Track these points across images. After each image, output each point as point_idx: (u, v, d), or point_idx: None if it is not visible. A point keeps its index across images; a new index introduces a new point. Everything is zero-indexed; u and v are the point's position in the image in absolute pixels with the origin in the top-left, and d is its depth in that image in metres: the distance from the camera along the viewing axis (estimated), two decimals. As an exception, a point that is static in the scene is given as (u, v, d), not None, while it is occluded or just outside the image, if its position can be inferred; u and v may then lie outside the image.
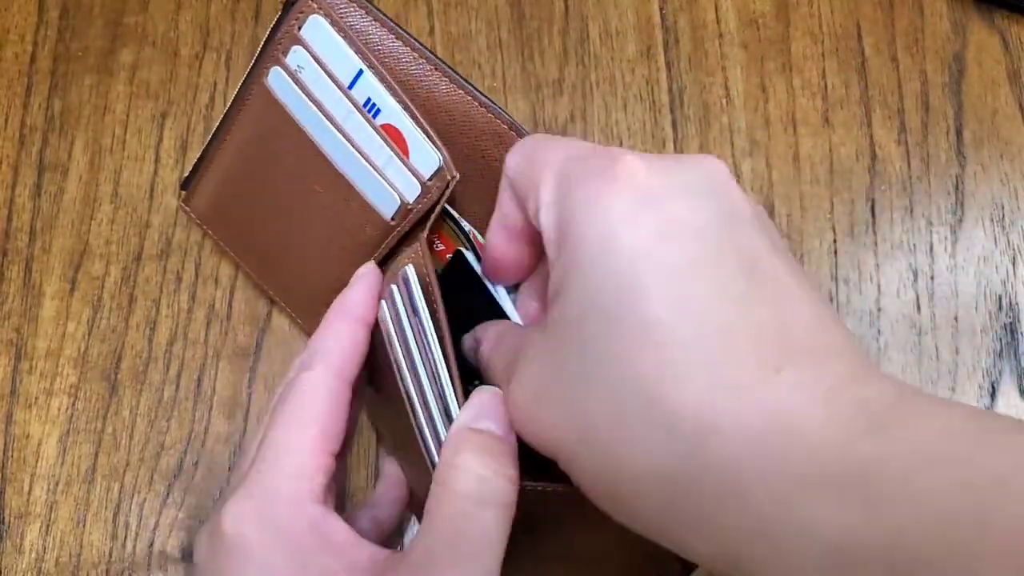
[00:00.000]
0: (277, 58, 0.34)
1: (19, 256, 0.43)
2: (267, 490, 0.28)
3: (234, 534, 0.27)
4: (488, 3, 0.47)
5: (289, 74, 0.33)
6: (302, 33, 0.33)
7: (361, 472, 0.41)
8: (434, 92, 0.34)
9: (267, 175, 0.37)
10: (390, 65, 0.33)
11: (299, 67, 0.33)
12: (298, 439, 0.28)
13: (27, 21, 0.47)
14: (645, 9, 0.47)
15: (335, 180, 0.34)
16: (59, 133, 0.45)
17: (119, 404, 0.41)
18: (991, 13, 0.47)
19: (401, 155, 0.32)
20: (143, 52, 0.46)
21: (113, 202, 0.44)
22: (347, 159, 0.34)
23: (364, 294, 0.32)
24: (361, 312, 0.32)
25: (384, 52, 0.33)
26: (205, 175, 0.39)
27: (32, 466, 0.40)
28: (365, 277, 0.32)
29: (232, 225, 0.40)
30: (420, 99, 0.33)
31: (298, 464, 0.28)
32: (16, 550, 0.39)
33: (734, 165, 0.44)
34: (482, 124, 0.34)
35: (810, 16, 0.47)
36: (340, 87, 0.32)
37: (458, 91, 0.33)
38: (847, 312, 0.42)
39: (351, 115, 0.33)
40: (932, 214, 0.44)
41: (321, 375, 0.30)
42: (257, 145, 0.36)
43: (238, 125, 0.36)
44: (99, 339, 0.42)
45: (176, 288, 0.43)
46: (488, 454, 0.26)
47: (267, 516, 0.27)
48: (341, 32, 0.32)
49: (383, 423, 0.40)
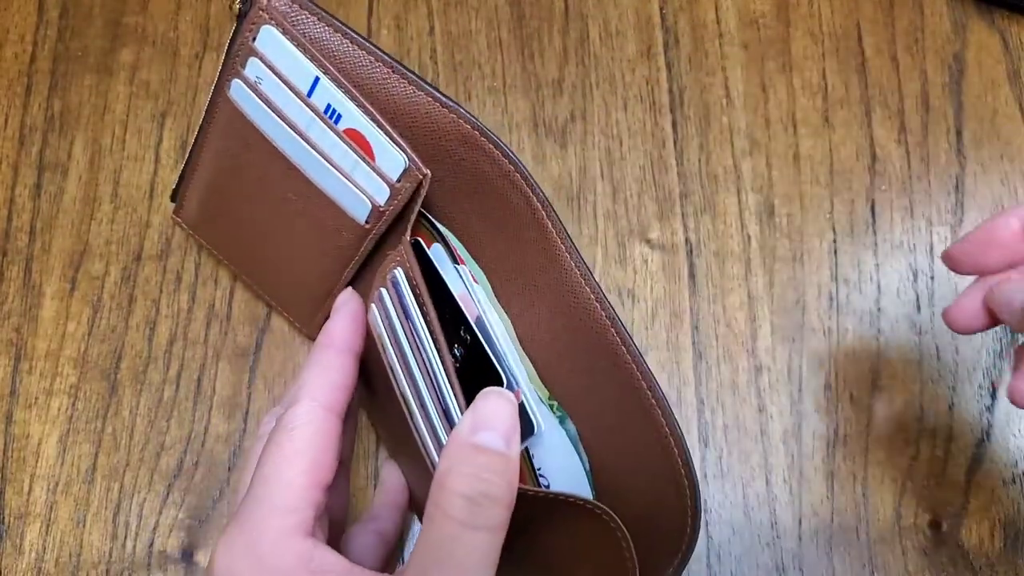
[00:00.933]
0: (236, 70, 0.33)
1: (19, 256, 0.43)
2: (256, 524, 0.28)
3: (224, 567, 0.28)
4: (488, 3, 0.47)
5: (249, 86, 0.33)
6: (256, 44, 0.32)
7: (361, 472, 0.41)
8: (394, 95, 0.33)
9: (243, 185, 0.37)
10: (347, 70, 0.33)
11: (258, 78, 0.33)
12: (287, 474, 0.29)
13: (27, 21, 0.47)
14: (645, 9, 0.47)
15: (306, 188, 0.34)
16: (59, 133, 0.45)
17: (119, 404, 0.41)
18: (991, 13, 0.47)
19: (367, 159, 0.32)
20: (143, 52, 0.46)
21: (113, 202, 0.44)
22: (314, 167, 0.33)
23: (345, 323, 0.32)
24: (345, 342, 0.32)
25: (340, 57, 0.33)
26: (189, 187, 0.39)
27: (32, 466, 0.40)
28: (345, 306, 0.33)
29: (220, 234, 0.40)
30: (380, 103, 0.33)
31: (287, 499, 0.28)
32: (16, 550, 0.39)
33: (734, 165, 0.44)
34: (446, 125, 0.33)
35: (810, 16, 0.47)
36: (299, 95, 0.32)
37: (418, 92, 0.33)
38: (847, 312, 0.42)
39: (313, 123, 0.32)
40: (932, 214, 0.44)
41: (309, 409, 0.30)
42: (229, 157, 0.36)
43: (210, 138, 0.36)
44: (99, 339, 0.42)
45: (176, 288, 0.43)
46: (482, 477, 0.26)
47: (255, 550, 0.28)
48: (294, 40, 0.31)
49: (382, 425, 0.40)
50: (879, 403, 0.41)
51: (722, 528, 0.39)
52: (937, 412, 0.41)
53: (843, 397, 0.41)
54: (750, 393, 0.41)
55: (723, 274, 0.43)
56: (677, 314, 0.42)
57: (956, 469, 0.40)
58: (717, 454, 0.40)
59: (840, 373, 0.42)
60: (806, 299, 0.43)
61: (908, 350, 0.42)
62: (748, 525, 0.39)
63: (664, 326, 0.42)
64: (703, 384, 0.41)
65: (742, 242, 0.43)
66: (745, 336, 0.42)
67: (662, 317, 0.42)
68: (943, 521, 0.40)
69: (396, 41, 0.46)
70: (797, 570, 0.39)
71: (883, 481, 0.40)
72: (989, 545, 0.39)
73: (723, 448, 0.41)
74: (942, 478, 0.40)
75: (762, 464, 0.40)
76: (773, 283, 0.43)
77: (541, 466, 0.34)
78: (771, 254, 0.43)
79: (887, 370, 0.42)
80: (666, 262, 0.43)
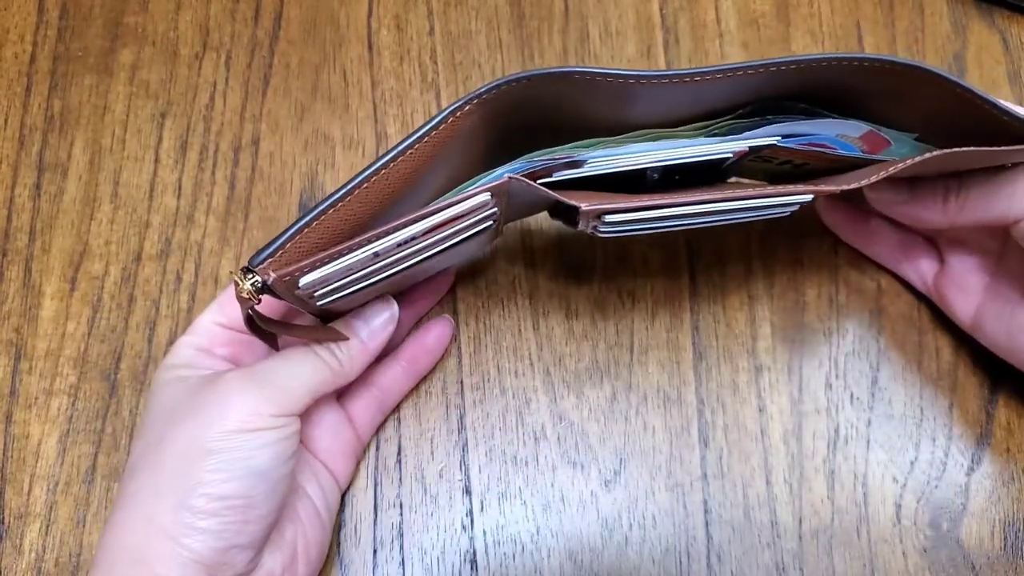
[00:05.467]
0: (303, 300, 0.30)
1: (19, 256, 0.43)
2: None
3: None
4: (488, 3, 0.47)
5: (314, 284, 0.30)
6: (301, 283, 0.29)
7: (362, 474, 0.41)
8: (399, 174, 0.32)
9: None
10: (364, 219, 0.31)
11: (312, 284, 0.29)
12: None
13: (27, 21, 0.47)
14: (645, 9, 0.47)
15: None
16: (59, 133, 0.45)
17: (119, 404, 0.41)
18: (991, 13, 0.47)
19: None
20: (143, 52, 0.46)
21: (113, 202, 0.44)
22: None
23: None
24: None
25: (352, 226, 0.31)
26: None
27: (32, 466, 0.40)
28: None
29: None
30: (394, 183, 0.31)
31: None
32: (16, 550, 0.39)
33: (734, 165, 0.44)
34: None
35: (810, 16, 0.47)
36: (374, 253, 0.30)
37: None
38: (847, 312, 0.42)
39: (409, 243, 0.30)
40: (932, 214, 0.44)
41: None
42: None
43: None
44: (99, 339, 0.42)
45: (176, 288, 0.43)
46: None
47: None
48: (316, 266, 0.28)
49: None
50: (880, 403, 0.41)
51: (722, 528, 0.39)
52: (937, 412, 0.41)
53: (843, 397, 0.41)
54: (750, 393, 0.41)
55: (723, 274, 0.43)
56: (677, 314, 0.42)
57: (956, 469, 0.40)
58: (717, 454, 0.40)
59: (840, 373, 0.42)
60: (806, 299, 0.43)
61: (908, 350, 0.42)
62: (748, 525, 0.39)
63: (664, 326, 0.42)
64: (703, 384, 0.41)
65: (743, 242, 0.43)
66: (745, 336, 0.42)
67: (662, 317, 0.42)
68: (943, 521, 0.40)
69: (396, 41, 0.46)
70: (797, 570, 0.39)
71: (883, 481, 0.40)
72: (989, 545, 0.39)
73: (723, 448, 0.41)
74: (942, 478, 0.40)
75: (762, 464, 0.40)
76: (773, 283, 0.43)
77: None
78: (771, 254, 0.43)
79: (887, 370, 0.42)
80: (666, 262, 0.43)
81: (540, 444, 0.40)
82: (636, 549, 0.39)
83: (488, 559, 0.39)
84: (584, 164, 0.33)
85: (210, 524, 0.30)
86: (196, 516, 0.30)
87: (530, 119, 0.33)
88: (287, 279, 0.28)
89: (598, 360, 0.42)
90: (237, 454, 0.31)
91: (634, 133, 0.34)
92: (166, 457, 0.31)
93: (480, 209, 0.31)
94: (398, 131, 0.45)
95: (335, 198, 0.29)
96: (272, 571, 0.33)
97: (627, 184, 0.35)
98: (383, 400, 0.40)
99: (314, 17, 0.47)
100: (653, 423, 0.41)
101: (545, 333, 0.42)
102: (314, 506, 0.36)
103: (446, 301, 0.42)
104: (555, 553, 0.39)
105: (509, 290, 0.43)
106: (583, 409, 0.41)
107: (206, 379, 0.33)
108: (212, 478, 0.30)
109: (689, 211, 0.32)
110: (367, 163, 0.31)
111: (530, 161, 0.33)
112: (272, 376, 0.33)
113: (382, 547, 0.39)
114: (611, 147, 0.33)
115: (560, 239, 0.43)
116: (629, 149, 0.33)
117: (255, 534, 0.32)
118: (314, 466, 0.37)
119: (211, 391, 0.32)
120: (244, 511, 0.31)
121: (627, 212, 0.32)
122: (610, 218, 0.32)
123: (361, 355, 0.35)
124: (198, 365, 0.34)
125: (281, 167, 0.44)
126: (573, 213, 0.32)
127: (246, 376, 0.32)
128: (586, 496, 0.40)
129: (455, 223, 0.31)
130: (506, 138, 0.34)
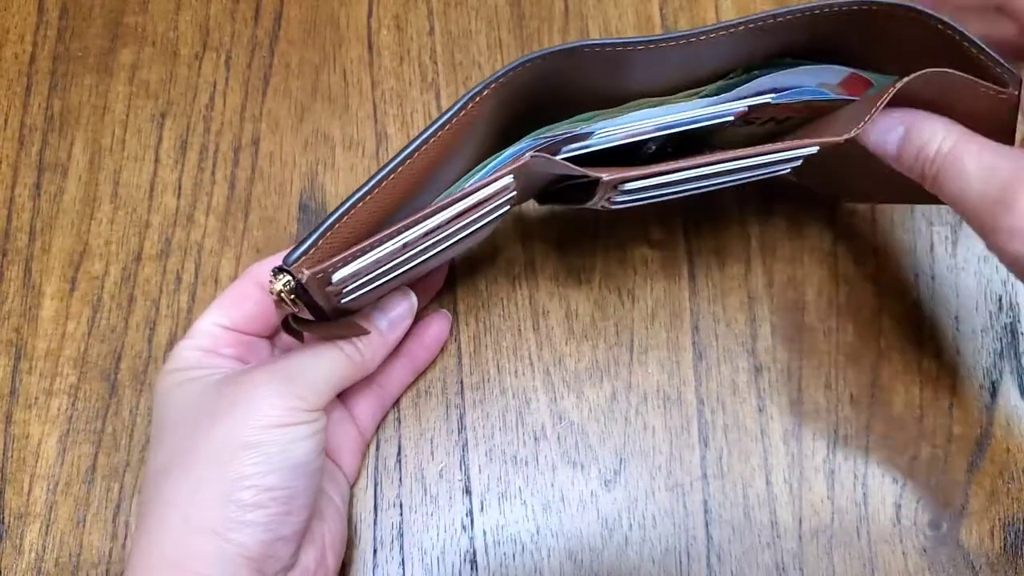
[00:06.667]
0: (328, 298, 0.30)
1: (19, 256, 0.43)
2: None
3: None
4: (488, 3, 0.47)
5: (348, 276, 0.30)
6: (334, 279, 0.29)
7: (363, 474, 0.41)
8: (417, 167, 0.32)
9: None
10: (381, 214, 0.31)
11: (343, 279, 0.30)
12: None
13: (27, 21, 0.47)
14: (645, 9, 0.47)
15: None
16: (59, 133, 0.45)
17: (119, 404, 0.41)
18: (991, 13, 0.47)
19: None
20: (143, 52, 0.46)
21: (113, 202, 0.44)
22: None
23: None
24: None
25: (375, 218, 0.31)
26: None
27: (32, 466, 0.40)
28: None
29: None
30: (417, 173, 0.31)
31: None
32: (16, 550, 0.39)
33: (734, 165, 0.44)
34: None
35: (810, 16, 0.47)
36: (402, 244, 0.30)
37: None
38: (847, 312, 0.42)
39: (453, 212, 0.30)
40: (932, 214, 0.44)
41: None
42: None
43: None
44: (99, 339, 0.42)
45: (176, 288, 0.43)
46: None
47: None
48: (349, 260, 0.29)
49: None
50: (879, 403, 0.41)
51: (722, 528, 0.39)
52: (937, 411, 0.41)
53: (843, 397, 0.41)
54: (750, 393, 0.41)
55: (723, 274, 0.43)
56: (677, 314, 0.42)
57: (956, 469, 0.40)
58: (717, 454, 0.40)
59: (840, 373, 0.42)
60: (806, 299, 0.43)
61: (908, 350, 0.42)
62: (748, 525, 0.40)
63: (664, 326, 0.42)
64: (703, 384, 0.41)
65: (743, 242, 0.43)
66: (745, 336, 0.42)
67: (662, 317, 0.42)
68: (943, 521, 0.40)
69: (396, 41, 0.47)
70: (797, 570, 0.39)
71: (883, 481, 0.40)
72: (989, 545, 0.39)
73: (723, 448, 0.41)
74: (942, 478, 0.40)
75: (762, 464, 0.40)
76: (773, 283, 0.43)
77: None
78: (771, 254, 0.43)
79: (887, 370, 0.42)
80: (666, 262, 0.43)
81: (540, 444, 0.40)
82: (636, 549, 0.39)
83: (488, 559, 0.39)
84: (591, 136, 0.34)
85: (257, 516, 0.30)
86: (243, 509, 0.30)
87: (540, 97, 0.34)
88: (320, 276, 0.28)
89: (598, 360, 0.42)
90: (275, 448, 0.31)
91: (630, 104, 0.35)
92: (201, 457, 0.31)
93: (503, 192, 0.32)
94: (398, 131, 0.45)
95: (365, 191, 0.30)
96: (307, 567, 0.33)
97: (623, 159, 0.36)
98: (383, 396, 0.40)
99: (314, 17, 0.47)
100: (653, 423, 0.41)
101: (545, 333, 0.42)
102: (333, 501, 0.36)
103: (446, 301, 0.42)
104: (555, 553, 0.39)
105: (509, 290, 0.43)
106: (583, 409, 0.41)
107: (227, 378, 0.33)
108: (255, 471, 0.30)
109: (701, 173, 0.33)
110: (367, 163, 0.31)
111: (535, 140, 0.34)
112: (299, 372, 0.33)
113: (382, 547, 0.39)
114: (610, 118, 0.35)
115: (560, 239, 0.43)
116: (631, 117, 0.34)
117: (297, 525, 0.32)
118: (326, 462, 0.37)
119: (238, 390, 0.32)
120: (287, 502, 0.31)
121: (644, 179, 0.33)
122: (628, 186, 0.33)
123: (381, 347, 0.35)
124: (207, 366, 0.34)
125: (281, 167, 0.44)
126: (582, 190, 0.34)
127: (273, 373, 0.32)
128: (586, 496, 0.40)
129: (479, 208, 0.31)
130: (511, 122, 0.34)
